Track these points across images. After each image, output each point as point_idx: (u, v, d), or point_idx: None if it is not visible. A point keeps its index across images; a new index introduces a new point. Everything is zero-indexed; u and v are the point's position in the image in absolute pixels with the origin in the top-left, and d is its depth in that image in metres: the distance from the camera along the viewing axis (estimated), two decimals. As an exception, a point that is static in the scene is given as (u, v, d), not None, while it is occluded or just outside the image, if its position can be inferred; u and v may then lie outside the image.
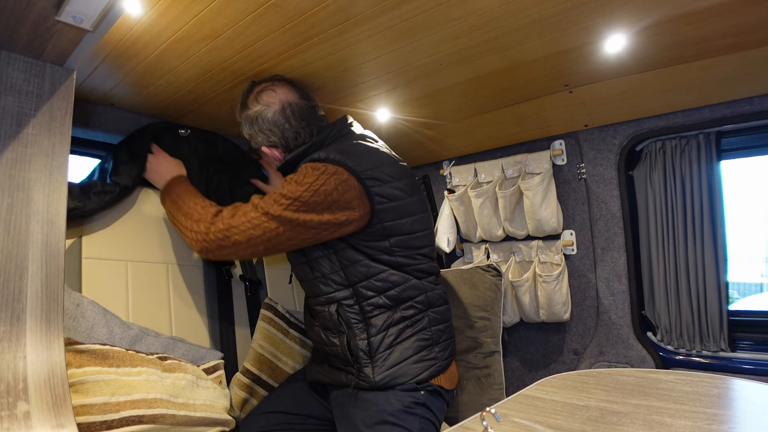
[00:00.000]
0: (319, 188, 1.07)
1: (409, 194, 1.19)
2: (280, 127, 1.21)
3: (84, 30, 0.76)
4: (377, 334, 1.15)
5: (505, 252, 1.85)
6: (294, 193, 1.07)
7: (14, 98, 0.78)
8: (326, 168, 1.09)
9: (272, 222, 1.06)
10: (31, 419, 0.68)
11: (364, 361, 1.15)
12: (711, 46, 1.12)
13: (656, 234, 1.58)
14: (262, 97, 1.22)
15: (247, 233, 1.07)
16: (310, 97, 1.27)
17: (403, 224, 1.16)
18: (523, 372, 1.85)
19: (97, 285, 1.22)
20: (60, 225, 0.81)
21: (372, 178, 1.12)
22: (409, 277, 1.18)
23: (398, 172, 1.20)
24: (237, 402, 1.32)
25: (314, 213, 1.07)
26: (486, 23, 1.02)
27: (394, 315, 1.16)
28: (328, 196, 1.07)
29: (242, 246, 1.08)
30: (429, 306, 1.20)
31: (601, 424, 0.75)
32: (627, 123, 1.58)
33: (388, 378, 1.13)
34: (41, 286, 0.77)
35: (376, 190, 1.12)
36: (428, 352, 1.17)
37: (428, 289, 1.21)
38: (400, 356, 1.14)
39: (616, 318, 1.63)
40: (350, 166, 1.10)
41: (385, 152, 1.23)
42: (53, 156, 0.82)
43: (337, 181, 1.08)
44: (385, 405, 1.10)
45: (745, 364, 1.42)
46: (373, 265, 1.15)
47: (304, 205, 1.06)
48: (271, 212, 1.06)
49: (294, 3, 0.92)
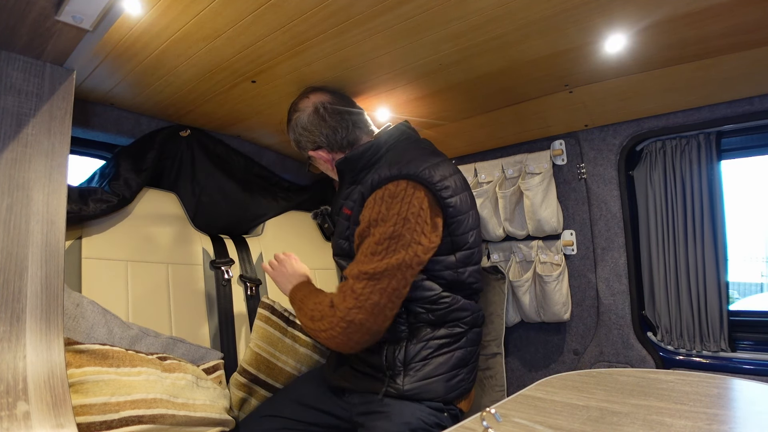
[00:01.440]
0: (407, 215, 1.03)
1: (470, 206, 1.19)
2: (317, 126, 1.25)
3: (84, 30, 0.76)
4: (417, 344, 1.13)
5: (505, 252, 1.85)
6: (385, 233, 1.02)
7: (14, 98, 0.78)
8: (405, 194, 1.04)
9: (382, 281, 1.01)
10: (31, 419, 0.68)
11: (398, 369, 1.12)
12: (711, 46, 1.12)
13: (656, 234, 1.58)
14: (298, 106, 1.29)
15: (365, 307, 1.01)
16: (343, 96, 1.31)
17: (468, 237, 1.14)
18: (523, 372, 1.85)
19: (97, 285, 1.22)
20: (60, 225, 0.81)
21: (446, 189, 1.09)
22: (459, 297, 1.16)
23: (463, 182, 1.20)
24: (235, 402, 1.32)
25: (410, 246, 1.02)
26: (486, 23, 1.01)
27: (437, 330, 1.14)
28: (419, 223, 1.03)
29: (371, 320, 1.02)
30: (472, 326, 1.19)
31: (601, 424, 0.75)
32: (627, 123, 1.58)
33: (416, 390, 1.09)
34: (41, 286, 0.77)
35: (449, 201, 1.09)
36: (458, 372, 1.14)
37: (475, 309, 1.19)
38: (434, 370, 1.11)
39: (616, 318, 1.63)
40: (425, 177, 1.06)
41: (436, 152, 1.24)
42: (53, 156, 0.82)
43: (420, 205, 1.04)
44: (410, 418, 1.07)
45: (745, 364, 1.42)
46: (426, 284, 1.11)
47: (400, 239, 1.02)
48: (376, 271, 1.01)
49: (294, 3, 0.92)
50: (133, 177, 1.35)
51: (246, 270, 1.58)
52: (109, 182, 1.32)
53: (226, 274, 1.51)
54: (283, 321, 1.47)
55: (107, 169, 1.39)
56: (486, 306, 1.57)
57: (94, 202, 1.25)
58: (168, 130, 1.51)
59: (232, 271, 1.54)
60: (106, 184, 1.32)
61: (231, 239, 1.63)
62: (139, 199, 1.40)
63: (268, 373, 1.38)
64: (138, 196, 1.39)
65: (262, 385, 1.37)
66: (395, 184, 1.06)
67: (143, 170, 1.39)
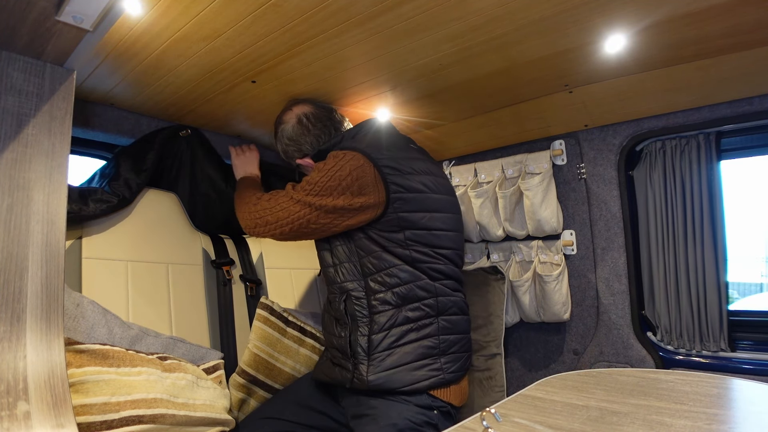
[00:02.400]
0: (336, 173, 1.13)
1: (432, 191, 1.22)
2: (302, 135, 1.34)
3: (84, 30, 0.76)
4: (379, 332, 1.14)
5: (505, 252, 1.85)
6: (314, 178, 1.15)
7: (14, 98, 0.78)
8: (345, 155, 1.16)
9: (296, 205, 1.15)
10: (31, 419, 0.68)
11: (362, 357, 1.14)
12: (711, 46, 1.12)
13: (656, 234, 1.58)
14: (282, 118, 1.38)
15: (276, 215, 1.18)
16: (324, 105, 1.38)
17: (420, 218, 1.18)
18: (523, 372, 1.85)
19: (97, 285, 1.22)
20: (60, 225, 0.81)
21: (389, 167, 1.16)
22: (422, 275, 1.17)
23: (425, 168, 1.24)
24: (234, 402, 1.32)
25: (330, 197, 1.13)
26: (486, 23, 1.02)
27: (398, 314, 1.15)
28: (343, 181, 1.13)
29: (272, 226, 1.19)
30: (439, 312, 1.18)
31: (601, 424, 0.75)
32: (627, 123, 1.58)
33: (382, 380, 1.11)
34: (41, 286, 0.77)
35: (393, 178, 1.16)
36: (432, 361, 1.14)
37: (441, 293, 1.19)
38: (398, 360, 1.12)
39: (616, 318, 1.63)
40: (368, 153, 1.16)
41: (412, 147, 1.30)
42: (53, 156, 0.82)
43: (353, 167, 1.14)
44: (396, 418, 1.08)
45: (745, 364, 1.42)
46: (385, 257, 1.16)
47: (323, 190, 1.13)
48: (296, 197, 1.16)
49: (294, 3, 0.92)
50: (133, 177, 1.36)
51: (246, 270, 1.58)
52: (109, 182, 1.32)
53: (226, 274, 1.51)
54: (282, 322, 1.47)
55: (107, 170, 1.39)
56: (485, 306, 1.57)
57: (94, 202, 1.25)
58: (168, 130, 1.50)
59: (232, 271, 1.54)
60: (106, 184, 1.32)
61: (231, 239, 1.63)
62: (139, 199, 1.40)
63: (267, 374, 1.38)
64: (138, 197, 1.39)
65: (261, 386, 1.37)
66: (343, 151, 1.19)
67: (143, 170, 1.39)
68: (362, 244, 1.18)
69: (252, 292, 1.56)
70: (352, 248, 1.20)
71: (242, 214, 1.29)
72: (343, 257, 1.22)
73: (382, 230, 1.17)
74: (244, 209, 1.29)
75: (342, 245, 1.22)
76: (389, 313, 1.15)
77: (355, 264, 1.20)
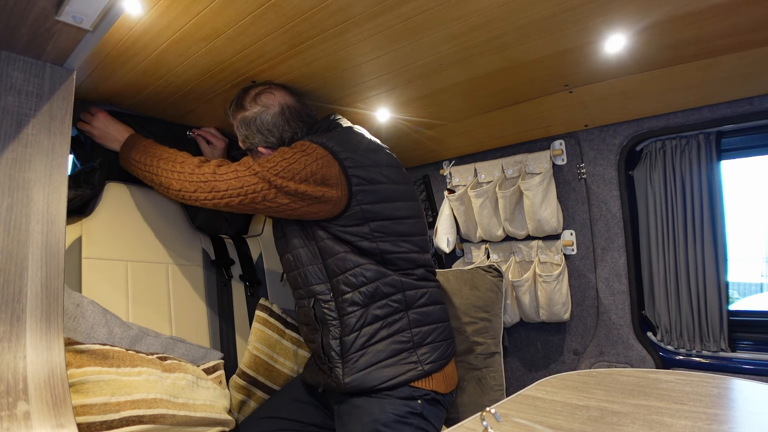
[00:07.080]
0: (299, 159, 1.11)
1: (393, 181, 1.21)
2: (279, 128, 1.25)
3: (84, 30, 0.76)
4: (350, 334, 1.14)
5: (505, 252, 1.85)
6: (277, 159, 1.12)
7: (14, 98, 0.78)
8: (308, 146, 1.14)
9: (253, 177, 1.10)
10: (31, 419, 0.68)
11: (336, 361, 1.14)
12: (711, 46, 1.12)
13: (656, 234, 1.58)
14: (261, 99, 1.24)
15: (228, 182, 1.10)
16: (304, 101, 1.32)
17: (383, 208, 1.17)
18: (523, 372, 1.85)
19: (97, 285, 1.22)
20: (60, 225, 0.81)
21: (350, 159, 1.15)
22: (387, 272, 1.16)
23: (383, 160, 1.23)
24: (234, 404, 1.32)
25: (293, 181, 1.09)
26: (486, 23, 1.01)
27: (367, 313, 1.14)
28: (307, 167, 1.11)
29: (219, 194, 1.11)
30: (408, 306, 1.17)
31: (601, 424, 0.75)
32: (627, 123, 1.58)
33: (358, 381, 1.11)
34: (41, 286, 0.77)
35: (354, 171, 1.14)
36: (408, 354, 1.13)
37: (408, 287, 1.17)
38: (372, 359, 1.12)
39: (616, 318, 1.63)
40: (330, 146, 1.15)
41: (371, 140, 1.27)
42: (53, 156, 0.82)
43: (317, 156, 1.12)
44: (379, 414, 1.08)
45: (745, 364, 1.42)
46: (350, 258, 1.15)
47: (285, 171, 1.10)
48: (255, 168, 1.11)
49: (294, 3, 0.92)
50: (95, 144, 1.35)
51: (246, 270, 1.58)
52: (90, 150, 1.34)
53: (226, 274, 1.51)
54: (281, 323, 1.47)
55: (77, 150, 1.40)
56: (484, 305, 1.57)
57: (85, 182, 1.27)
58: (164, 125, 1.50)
59: (232, 271, 1.54)
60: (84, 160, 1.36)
61: (231, 239, 1.63)
62: (139, 199, 1.40)
63: (267, 376, 1.38)
64: (138, 196, 1.39)
65: (261, 388, 1.37)
66: (306, 142, 1.16)
67: None
68: (325, 245, 1.16)
69: (252, 292, 1.56)
70: (315, 251, 1.18)
71: (174, 175, 1.14)
72: (307, 260, 1.19)
73: (346, 225, 1.15)
74: (180, 168, 1.15)
75: (304, 248, 1.19)
76: (358, 314, 1.14)
77: (319, 266, 1.18)
